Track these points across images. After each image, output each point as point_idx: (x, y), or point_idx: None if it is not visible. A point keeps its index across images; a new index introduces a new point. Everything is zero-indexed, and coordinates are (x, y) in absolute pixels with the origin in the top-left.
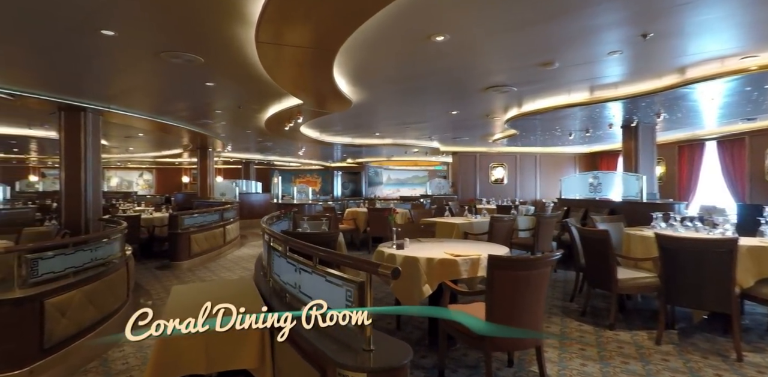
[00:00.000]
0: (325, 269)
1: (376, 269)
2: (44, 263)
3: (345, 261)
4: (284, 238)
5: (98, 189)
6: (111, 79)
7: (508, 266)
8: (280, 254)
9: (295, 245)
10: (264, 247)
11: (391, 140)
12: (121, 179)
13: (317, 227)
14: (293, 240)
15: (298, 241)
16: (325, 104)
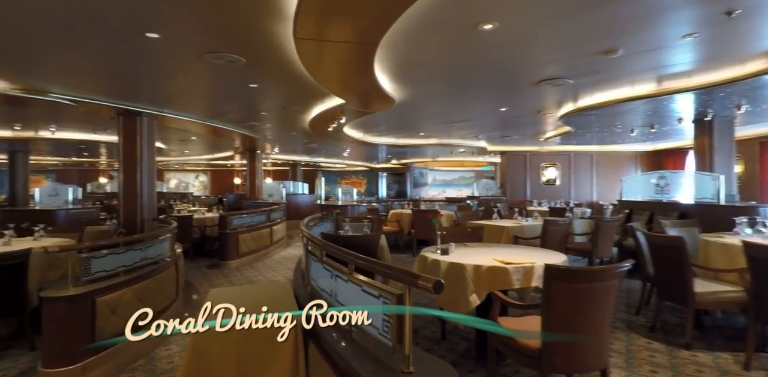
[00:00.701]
0: (360, 277)
1: (416, 282)
2: (97, 262)
3: (382, 270)
4: (321, 242)
5: (152, 190)
6: (160, 83)
7: (568, 277)
8: (316, 259)
9: (332, 251)
10: (303, 250)
11: (436, 139)
12: (179, 181)
13: (359, 229)
14: (329, 245)
15: (333, 246)
16: (367, 103)
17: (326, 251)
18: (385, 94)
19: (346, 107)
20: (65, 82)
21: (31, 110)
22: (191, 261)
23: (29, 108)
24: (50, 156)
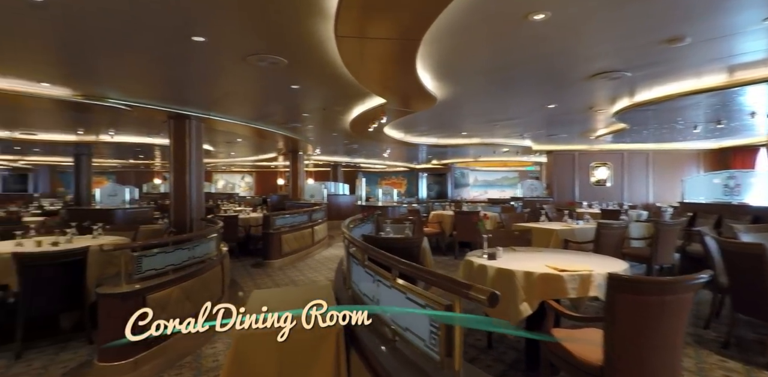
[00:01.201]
0: (405, 284)
1: (467, 293)
2: (147, 261)
3: (429, 278)
4: (362, 245)
5: (201, 191)
6: (206, 87)
7: (635, 289)
8: (358, 262)
9: (374, 255)
10: (345, 252)
11: (479, 139)
12: (226, 182)
13: (400, 230)
14: (371, 248)
15: (375, 250)
16: (408, 102)
17: (368, 254)
18: (427, 92)
19: (387, 107)
20: (121, 87)
21: (92, 115)
22: (236, 260)
23: (90, 113)
24: (110, 159)
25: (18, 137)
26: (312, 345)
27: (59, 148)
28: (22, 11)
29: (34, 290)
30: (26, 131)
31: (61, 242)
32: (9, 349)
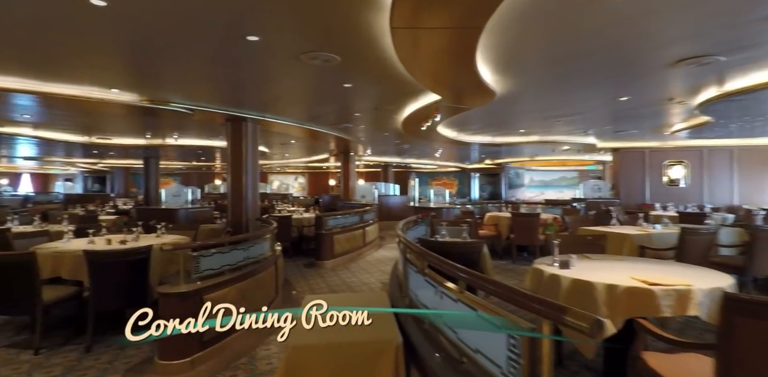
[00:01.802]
0: (475, 299)
1: (562, 317)
2: (205, 261)
3: (512, 296)
4: (421, 251)
5: (256, 192)
6: (261, 88)
7: (761, 312)
8: (417, 270)
9: (435, 263)
10: (399, 257)
11: (537, 137)
12: (280, 182)
13: (457, 233)
14: (431, 256)
15: (438, 258)
16: (464, 99)
17: (428, 262)
18: (485, 87)
19: (442, 104)
20: (182, 92)
21: (158, 120)
22: (290, 260)
23: (156, 118)
24: (175, 161)
25: (95, 142)
26: (368, 361)
27: (131, 151)
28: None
29: (102, 286)
30: (102, 136)
31: (129, 240)
32: (83, 341)
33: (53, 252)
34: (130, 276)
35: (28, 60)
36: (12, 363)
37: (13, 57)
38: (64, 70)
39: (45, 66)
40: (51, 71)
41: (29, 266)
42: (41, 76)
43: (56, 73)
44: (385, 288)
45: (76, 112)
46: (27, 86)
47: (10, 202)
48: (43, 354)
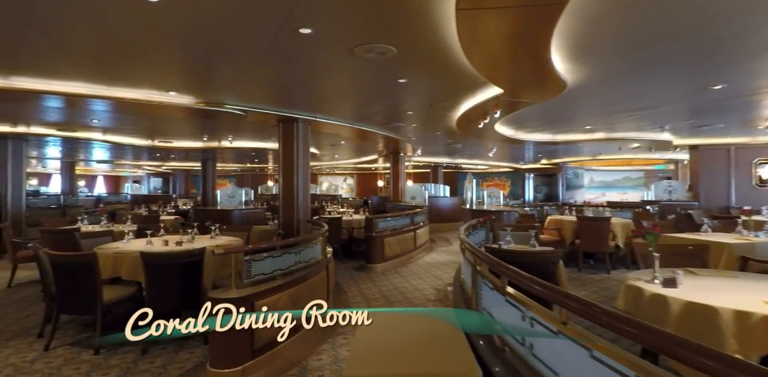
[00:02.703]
0: (591, 337)
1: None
2: (256, 265)
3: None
4: (499, 264)
5: (307, 193)
6: (313, 87)
7: None
8: (492, 287)
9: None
10: (465, 268)
11: (604, 133)
12: (330, 184)
13: (524, 240)
14: (515, 272)
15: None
16: (530, 92)
17: (510, 278)
18: (555, 77)
19: (503, 99)
20: (236, 92)
21: (214, 122)
22: (340, 262)
23: (212, 120)
24: (231, 163)
25: (157, 145)
26: None
27: (190, 154)
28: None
29: (157, 287)
30: (163, 140)
31: (185, 241)
32: (140, 342)
33: (114, 253)
34: (184, 278)
35: (94, 65)
36: (73, 363)
37: (81, 63)
38: (126, 74)
39: (109, 70)
40: (114, 76)
41: (90, 266)
42: (106, 81)
43: (119, 77)
44: (442, 297)
45: (139, 116)
46: (93, 91)
47: (84, 202)
48: (102, 354)
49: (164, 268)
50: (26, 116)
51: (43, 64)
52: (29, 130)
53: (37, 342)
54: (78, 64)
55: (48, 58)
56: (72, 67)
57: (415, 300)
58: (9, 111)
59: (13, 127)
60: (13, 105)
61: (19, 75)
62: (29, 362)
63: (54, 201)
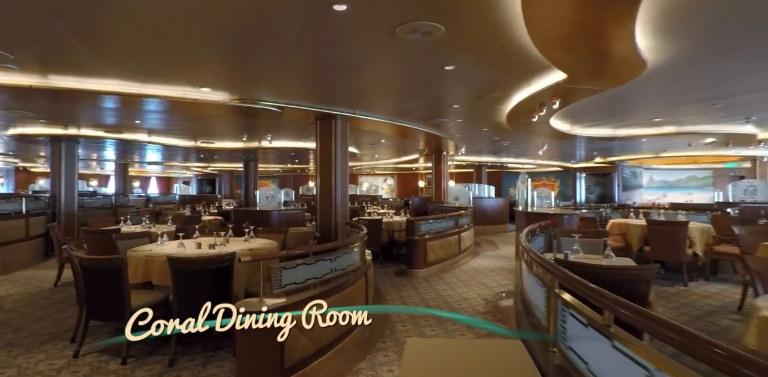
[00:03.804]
0: None
1: None
2: (288, 273)
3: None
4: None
5: (345, 194)
6: (350, 78)
7: None
8: (585, 323)
9: (662, 333)
10: (532, 285)
11: (674, 127)
12: (370, 184)
13: (591, 248)
14: (630, 308)
15: (672, 326)
16: (600, 76)
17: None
18: (636, 56)
19: (564, 87)
20: (271, 87)
21: (251, 121)
22: (380, 266)
23: (249, 118)
24: (273, 164)
25: (200, 146)
26: None
27: (233, 154)
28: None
29: (186, 295)
30: (205, 140)
31: (218, 244)
32: (168, 352)
33: (145, 256)
34: (213, 285)
35: (130, 61)
36: (100, 372)
37: (113, 58)
38: (159, 69)
39: (142, 66)
40: (148, 72)
41: (118, 271)
42: (140, 78)
43: (152, 73)
44: (492, 308)
45: (177, 115)
46: (128, 89)
47: (135, 202)
48: (130, 363)
49: (192, 274)
50: (75, 118)
51: (75, 61)
52: (80, 132)
53: (68, 348)
54: (109, 59)
55: (79, 54)
56: (103, 62)
57: (461, 311)
58: (59, 113)
59: (65, 129)
60: (57, 105)
61: (56, 73)
62: (56, 370)
63: (107, 201)
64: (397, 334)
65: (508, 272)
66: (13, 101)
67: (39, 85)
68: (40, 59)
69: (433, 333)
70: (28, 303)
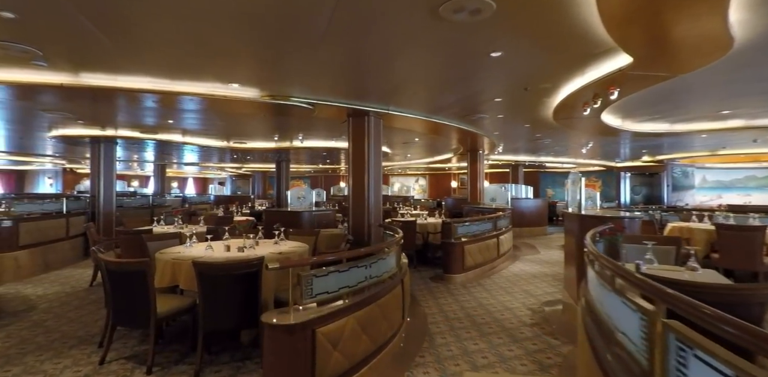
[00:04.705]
0: None
1: None
2: (318, 282)
3: None
4: None
5: (379, 194)
6: (385, 69)
7: None
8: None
9: None
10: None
11: (743, 121)
12: (401, 185)
13: (663, 257)
14: None
15: None
16: (673, 58)
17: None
18: (723, 31)
19: (627, 73)
20: (301, 82)
21: (282, 119)
22: (414, 270)
23: (280, 117)
24: (304, 164)
25: (233, 146)
26: None
27: (265, 155)
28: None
29: (212, 302)
30: (238, 140)
31: (247, 246)
32: (194, 361)
33: (172, 259)
34: (241, 291)
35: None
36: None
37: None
38: (188, 65)
39: (172, 62)
40: (177, 68)
41: (142, 275)
42: (169, 75)
43: (182, 69)
44: (539, 319)
45: (208, 113)
46: (157, 86)
47: (171, 202)
48: (155, 372)
49: (218, 279)
50: (110, 118)
51: (103, 57)
52: (117, 133)
53: (95, 353)
54: (136, 54)
55: (106, 49)
56: (130, 58)
57: (506, 323)
58: (93, 113)
59: (103, 130)
60: (89, 105)
61: (86, 71)
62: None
63: (145, 202)
64: (437, 348)
65: (552, 279)
66: (48, 100)
67: (70, 83)
68: (69, 56)
69: (476, 347)
70: (63, 303)
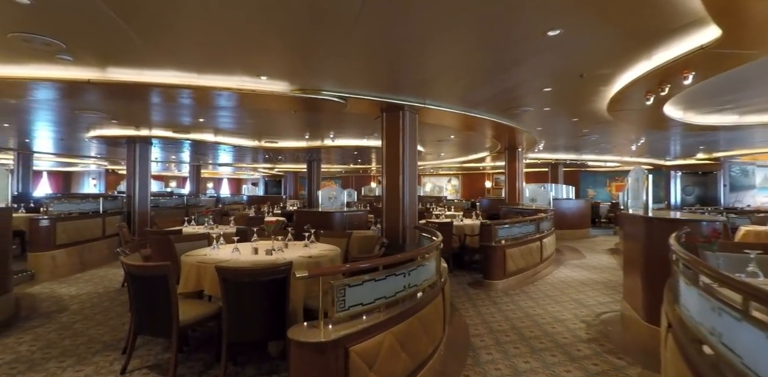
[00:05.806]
0: None
1: None
2: (352, 292)
3: None
4: None
5: (414, 194)
6: (421, 55)
7: None
8: None
9: None
10: (734, 333)
11: None
12: (433, 185)
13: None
14: None
15: None
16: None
17: None
18: None
19: (710, 52)
20: (332, 74)
21: (312, 115)
22: (451, 275)
23: (310, 112)
24: (335, 164)
25: (264, 146)
26: None
27: (296, 155)
28: None
29: (236, 311)
30: (269, 140)
31: (276, 249)
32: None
33: (198, 262)
34: (268, 299)
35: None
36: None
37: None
38: (215, 57)
39: (199, 55)
40: (204, 61)
41: (164, 280)
42: (196, 68)
43: (209, 62)
44: (597, 334)
45: (238, 110)
46: (185, 80)
47: (205, 203)
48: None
49: (244, 286)
50: (142, 118)
51: (129, 50)
52: (151, 133)
53: (118, 360)
54: (162, 45)
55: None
56: (156, 50)
57: (559, 337)
58: (124, 112)
59: (137, 130)
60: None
61: (113, 65)
62: None
63: (180, 202)
64: (483, 365)
65: (604, 287)
66: (81, 98)
67: (98, 78)
68: (93, 49)
69: (527, 365)
70: (93, 305)
